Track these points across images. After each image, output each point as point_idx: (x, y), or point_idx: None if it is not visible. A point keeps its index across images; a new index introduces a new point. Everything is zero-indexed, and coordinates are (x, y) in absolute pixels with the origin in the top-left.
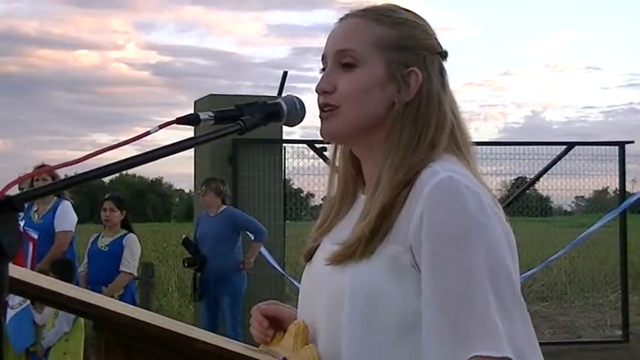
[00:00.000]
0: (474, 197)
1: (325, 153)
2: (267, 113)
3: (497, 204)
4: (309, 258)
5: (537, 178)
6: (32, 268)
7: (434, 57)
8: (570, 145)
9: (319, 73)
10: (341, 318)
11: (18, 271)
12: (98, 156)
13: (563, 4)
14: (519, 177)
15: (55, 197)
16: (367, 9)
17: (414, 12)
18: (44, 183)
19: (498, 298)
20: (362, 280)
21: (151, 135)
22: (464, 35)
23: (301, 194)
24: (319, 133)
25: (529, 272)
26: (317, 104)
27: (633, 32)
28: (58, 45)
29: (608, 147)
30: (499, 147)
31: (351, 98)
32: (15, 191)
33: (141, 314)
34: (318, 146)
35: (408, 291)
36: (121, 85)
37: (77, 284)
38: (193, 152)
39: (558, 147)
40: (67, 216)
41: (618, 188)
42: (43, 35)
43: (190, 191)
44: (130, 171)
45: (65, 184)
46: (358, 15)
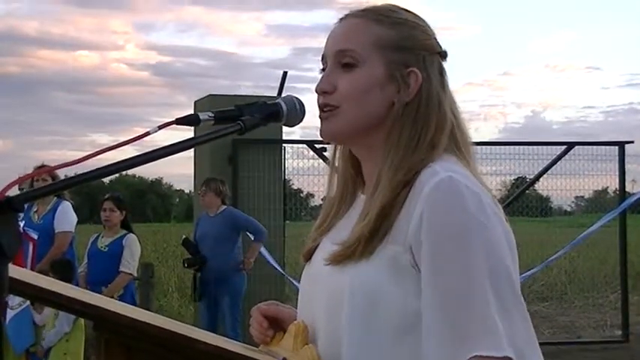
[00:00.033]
0: (474, 197)
1: (325, 153)
2: (266, 113)
3: (497, 204)
4: (308, 258)
5: (537, 178)
6: (32, 269)
7: (433, 57)
8: (570, 145)
9: (319, 74)
10: (340, 318)
11: (18, 272)
12: (98, 156)
13: (562, 4)
14: (519, 177)
15: (55, 198)
16: (367, 9)
17: (414, 12)
18: (44, 183)
19: (498, 298)
20: (361, 280)
21: (151, 135)
22: (464, 35)
23: (301, 194)
24: (319, 134)
25: (529, 272)
26: (317, 104)
27: (633, 32)
28: (58, 45)
29: (608, 147)
30: (499, 147)
31: (351, 98)
32: (15, 192)
33: (141, 315)
34: (317, 146)
35: (408, 291)
36: (121, 86)
37: (77, 285)
38: (193, 153)
39: (558, 147)
40: (67, 216)
41: (618, 188)
42: (43, 35)
43: (190, 191)
44: (130, 171)
45: (65, 185)
46: (358, 15)
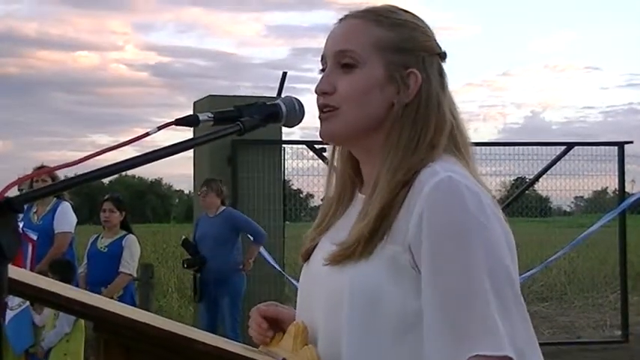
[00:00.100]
0: (474, 197)
1: (325, 154)
2: (266, 114)
3: (496, 204)
4: (307, 258)
5: (537, 179)
6: (31, 270)
7: (433, 58)
8: (570, 146)
9: (318, 74)
10: (340, 318)
11: (17, 273)
12: (97, 157)
13: (562, 5)
14: (519, 177)
15: (55, 198)
16: (366, 10)
17: (413, 13)
18: (44, 184)
19: (498, 298)
20: (361, 281)
21: (150, 136)
22: (463, 35)
23: (301, 195)
24: (318, 134)
25: (529, 273)
26: (316, 105)
27: (632, 32)
28: (58, 46)
29: (607, 147)
30: (498, 147)
31: (351, 99)
32: (14, 192)
33: (140, 315)
34: (317, 147)
35: (407, 291)
36: (120, 86)
37: (77, 285)
38: (193, 153)
39: (558, 147)
40: (67, 217)
41: (617, 188)
42: (42, 36)
43: (190, 192)
44: (130, 172)
45: (65, 185)
46: (357, 16)
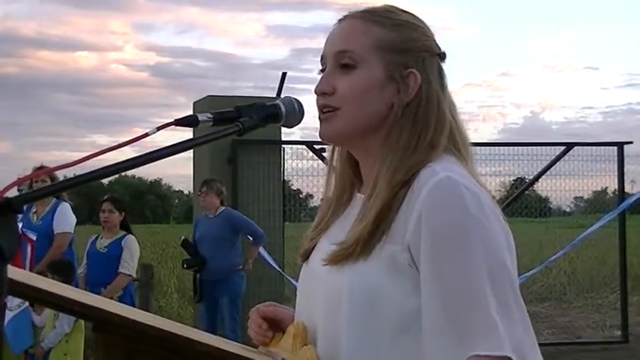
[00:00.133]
0: (473, 197)
1: (324, 154)
2: (265, 114)
3: (495, 204)
4: (305, 258)
5: (536, 179)
6: (31, 270)
7: (433, 58)
8: (569, 146)
9: (318, 74)
10: (339, 318)
11: (17, 273)
12: (97, 157)
13: (561, 5)
14: (518, 178)
15: (54, 199)
16: (366, 10)
17: (413, 13)
18: (43, 185)
19: (498, 298)
20: (360, 280)
21: (150, 136)
22: (463, 36)
23: (300, 195)
24: (318, 135)
25: (528, 273)
26: (316, 105)
27: (632, 32)
28: (57, 46)
29: (607, 147)
30: (498, 148)
31: (351, 100)
32: (14, 193)
33: (140, 316)
34: (317, 147)
35: (406, 290)
36: (120, 87)
37: (77, 286)
38: (192, 154)
39: (557, 147)
40: (66, 217)
41: (617, 189)
42: (42, 37)
43: (189, 192)
44: (129, 172)
45: (64, 186)
46: (357, 16)
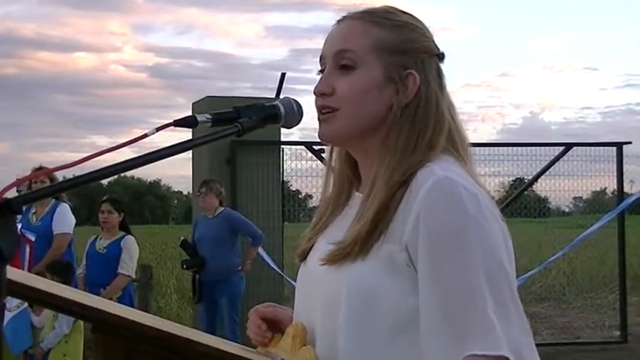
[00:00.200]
0: (471, 197)
1: (323, 155)
2: (264, 115)
3: (494, 204)
4: (303, 258)
5: (535, 179)
6: (29, 271)
7: (431, 59)
8: (568, 146)
9: (317, 75)
10: (337, 318)
11: (16, 274)
12: (96, 158)
13: (561, 5)
14: (517, 178)
15: (53, 199)
16: (365, 11)
17: (412, 14)
18: (42, 185)
19: (496, 298)
20: (358, 280)
21: (149, 137)
22: (462, 36)
23: (299, 196)
24: (317, 135)
25: (528, 274)
26: (315, 106)
27: (631, 33)
28: (56, 47)
29: (606, 148)
30: (497, 148)
31: (350, 101)
32: (13, 194)
33: (139, 316)
34: (316, 148)
35: (403, 290)
36: (119, 87)
37: (76, 286)
38: (191, 154)
39: (556, 148)
40: (65, 218)
41: (616, 189)
42: (41, 37)
43: (189, 193)
44: (129, 173)
45: (63, 187)
46: (356, 17)
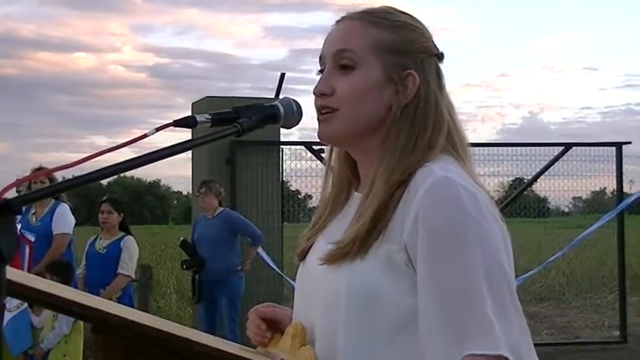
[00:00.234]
0: (471, 197)
1: (323, 155)
2: (264, 115)
3: (493, 204)
4: (302, 257)
5: (535, 179)
6: (29, 271)
7: (431, 59)
8: (568, 146)
9: (317, 75)
10: (336, 318)
11: (16, 274)
12: (96, 158)
13: (560, 6)
14: (517, 178)
15: (53, 200)
16: (364, 12)
17: (411, 14)
18: (42, 186)
19: (495, 299)
20: (357, 280)
21: (149, 137)
22: (462, 36)
23: (299, 196)
24: (317, 135)
25: (527, 274)
26: (314, 106)
27: (630, 33)
28: (56, 48)
29: (605, 148)
30: (497, 148)
31: (350, 101)
32: (13, 194)
33: (139, 316)
34: (315, 148)
35: (403, 289)
36: (119, 88)
37: (76, 286)
38: (191, 154)
39: (556, 148)
40: (65, 218)
41: (616, 189)
42: (41, 38)
43: (188, 193)
44: (128, 173)
45: (63, 187)
46: (355, 17)
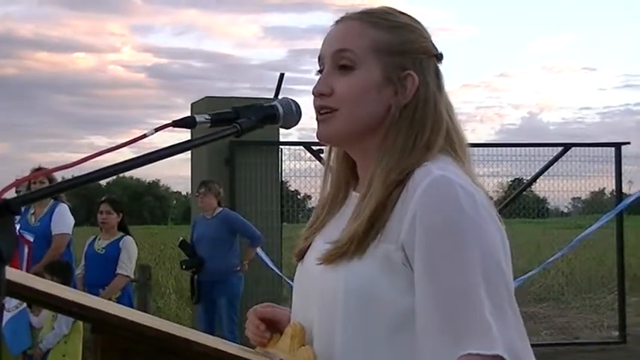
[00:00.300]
0: (468, 196)
1: (322, 155)
2: (263, 116)
3: (491, 204)
4: (300, 257)
5: (534, 180)
6: (28, 271)
7: (430, 60)
8: (567, 147)
9: (316, 75)
10: (334, 317)
11: (15, 274)
12: (95, 159)
13: (559, 6)
14: (516, 178)
15: (52, 200)
16: (363, 12)
17: (410, 15)
18: (41, 186)
19: (493, 300)
20: (354, 280)
21: (148, 137)
22: (461, 36)
23: (298, 196)
24: (316, 136)
25: (527, 275)
26: (313, 107)
27: (629, 33)
28: (55, 48)
29: (604, 148)
30: (496, 148)
31: (349, 101)
32: (12, 194)
33: (138, 317)
34: (314, 148)
35: (400, 289)
36: (118, 88)
37: (75, 287)
38: (190, 155)
39: (555, 148)
40: (64, 219)
41: (615, 189)
42: (40, 38)
43: (187, 193)
44: (127, 173)
45: (62, 187)
46: (354, 18)
